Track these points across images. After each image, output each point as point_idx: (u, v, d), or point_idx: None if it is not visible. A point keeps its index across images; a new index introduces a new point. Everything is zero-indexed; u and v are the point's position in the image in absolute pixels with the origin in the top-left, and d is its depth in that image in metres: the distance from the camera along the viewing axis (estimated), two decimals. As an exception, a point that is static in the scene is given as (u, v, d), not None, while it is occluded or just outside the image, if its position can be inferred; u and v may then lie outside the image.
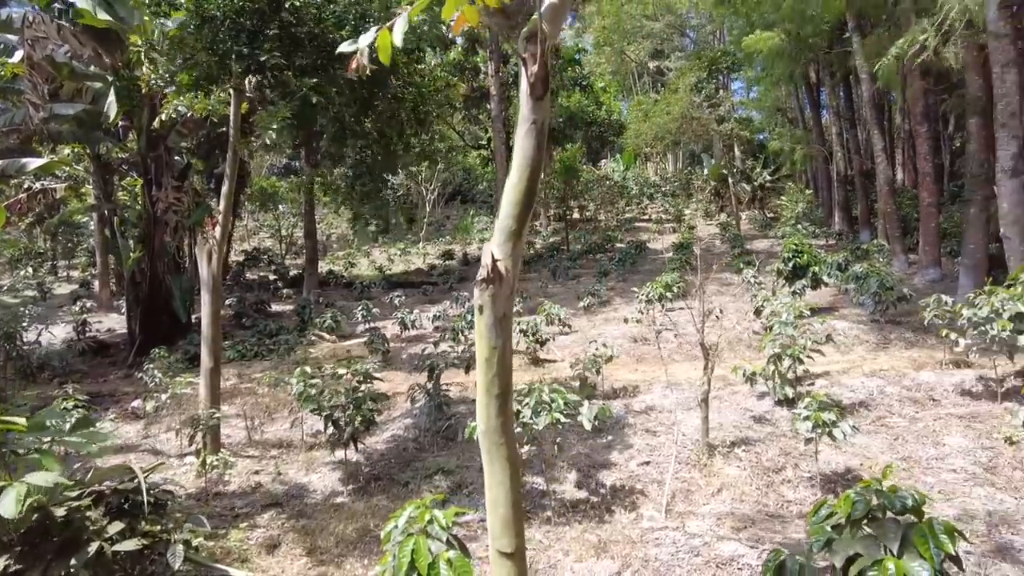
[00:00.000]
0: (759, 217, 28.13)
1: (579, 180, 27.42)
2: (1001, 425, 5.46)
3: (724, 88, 33.24)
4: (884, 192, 15.77)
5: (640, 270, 19.15)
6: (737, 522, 4.44)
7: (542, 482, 5.56)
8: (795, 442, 5.56)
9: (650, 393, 7.74)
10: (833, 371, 7.72)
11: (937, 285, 12.29)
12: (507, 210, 1.54)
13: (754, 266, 14.72)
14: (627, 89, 44.88)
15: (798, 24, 18.14)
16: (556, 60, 22.92)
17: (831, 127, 23.07)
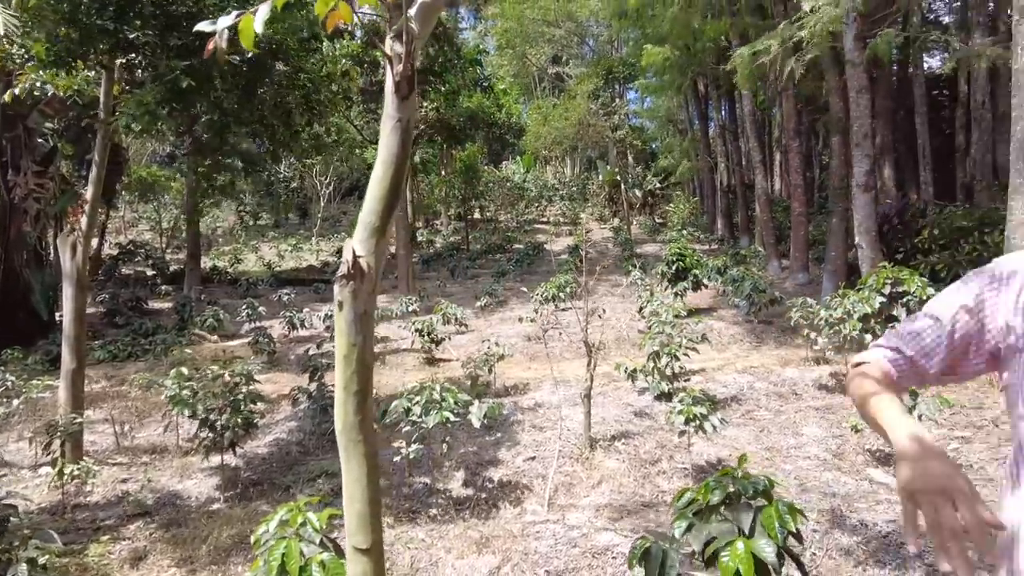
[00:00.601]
0: (649, 222, 29.44)
1: (480, 180, 27.58)
2: (849, 416, 6.02)
3: (619, 97, 34.52)
4: (761, 202, 16.97)
5: (537, 271, 19.55)
6: (614, 513, 4.64)
7: (429, 481, 5.56)
8: (671, 435, 5.87)
9: (540, 390, 7.92)
10: (709, 368, 8.23)
11: (805, 288, 13.37)
12: (370, 206, 1.54)
13: (642, 268, 15.38)
14: (528, 92, 45.62)
15: (687, 39, 19.15)
16: (458, 60, 22.89)
17: (717, 139, 24.57)
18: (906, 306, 6.71)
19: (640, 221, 30.28)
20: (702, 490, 2.95)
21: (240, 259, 24.56)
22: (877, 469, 5.22)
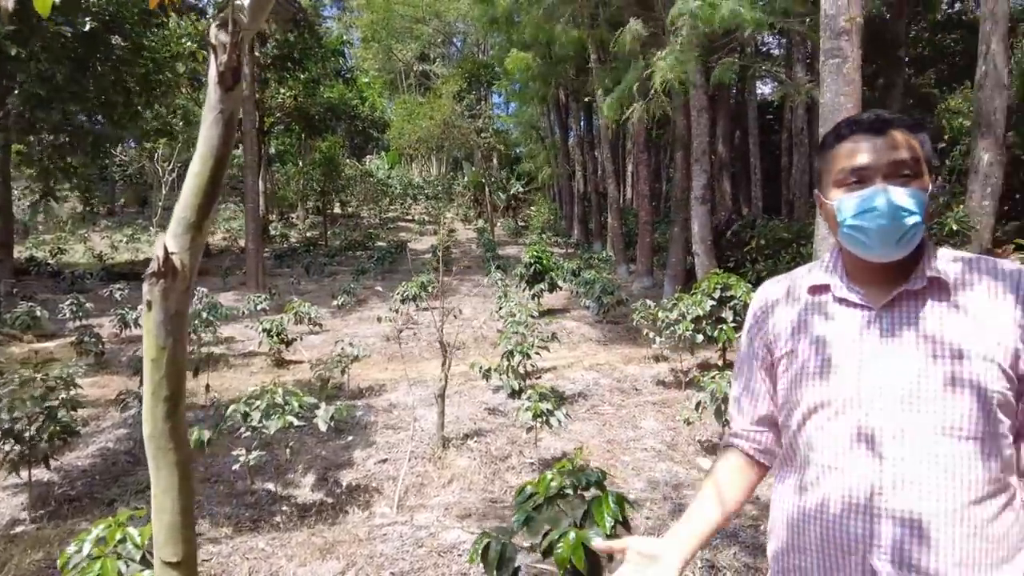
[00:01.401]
0: (512, 224, 30.11)
1: (341, 174, 26.74)
2: (682, 409, 6.54)
3: (485, 100, 34.96)
4: (613, 210, 17.95)
5: (399, 269, 19.29)
6: (463, 510, 4.71)
7: (274, 487, 5.33)
8: (521, 431, 6.06)
9: (396, 392, 7.84)
10: (560, 366, 8.58)
11: (650, 291, 14.32)
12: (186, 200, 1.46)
13: (503, 269, 15.70)
14: (394, 88, 44.93)
15: (549, 49, 19.81)
16: (319, 48, 22.07)
17: (576, 148, 25.64)
18: (733, 309, 7.41)
19: (504, 223, 30.88)
20: (540, 484, 3.09)
21: (64, 249, 21.95)
22: (705, 458, 5.72)
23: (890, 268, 1.20)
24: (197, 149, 1.57)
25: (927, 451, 1.12)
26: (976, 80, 9.68)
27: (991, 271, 1.18)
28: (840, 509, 1.17)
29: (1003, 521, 1.12)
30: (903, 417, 1.14)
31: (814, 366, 1.24)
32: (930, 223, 1.20)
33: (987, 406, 1.11)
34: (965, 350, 1.12)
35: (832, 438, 1.20)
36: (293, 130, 26.49)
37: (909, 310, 1.18)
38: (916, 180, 1.18)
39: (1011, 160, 11.98)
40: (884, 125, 1.20)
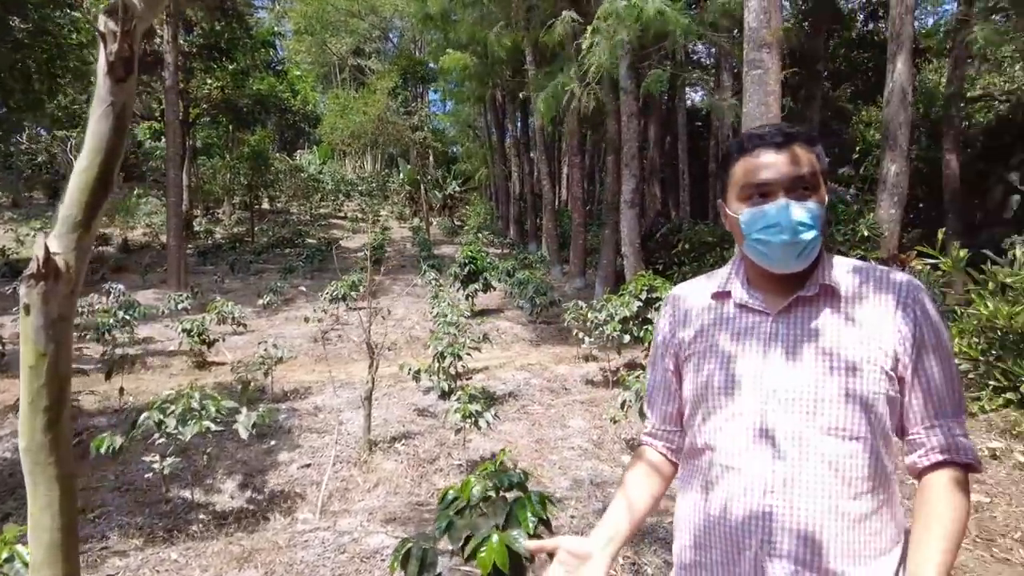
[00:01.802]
0: (448, 224, 29.95)
1: (270, 168, 25.91)
2: (609, 408, 6.65)
3: (421, 97, 34.65)
4: (547, 211, 18.12)
5: (329, 268, 18.84)
6: (388, 515, 4.64)
7: (191, 496, 5.11)
8: (451, 433, 6.02)
9: (322, 394, 7.66)
10: (492, 366, 8.59)
11: (582, 292, 14.52)
12: (73, 198, 1.37)
13: (437, 269, 15.59)
14: (327, 82, 43.89)
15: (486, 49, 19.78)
16: (248, 39, 21.31)
17: (512, 149, 25.72)
18: (658, 310, 7.60)
19: (440, 222, 30.67)
20: (463, 488, 3.07)
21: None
22: (630, 456, 5.82)
23: (789, 276, 1.26)
24: (85, 143, 1.47)
25: (815, 451, 1.18)
26: (885, 96, 10.28)
27: (879, 280, 1.25)
28: (736, 508, 1.21)
29: (882, 515, 1.19)
30: (795, 418, 1.19)
31: (715, 369, 1.29)
32: (826, 233, 1.27)
33: (871, 407, 1.18)
34: (852, 354, 1.19)
35: (730, 439, 1.24)
36: (220, 122, 25.47)
37: (803, 316, 1.24)
38: (815, 194, 1.23)
39: (915, 172, 12.79)
40: (786, 140, 1.24)
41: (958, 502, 1.16)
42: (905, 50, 9.75)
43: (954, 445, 1.18)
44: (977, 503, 4.25)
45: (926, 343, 1.20)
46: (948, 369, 1.21)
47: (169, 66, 15.32)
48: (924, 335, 1.20)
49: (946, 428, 1.19)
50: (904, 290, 1.23)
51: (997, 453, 4.87)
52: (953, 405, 1.20)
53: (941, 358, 1.20)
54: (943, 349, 1.21)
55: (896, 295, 1.22)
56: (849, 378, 1.18)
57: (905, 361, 1.20)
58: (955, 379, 1.22)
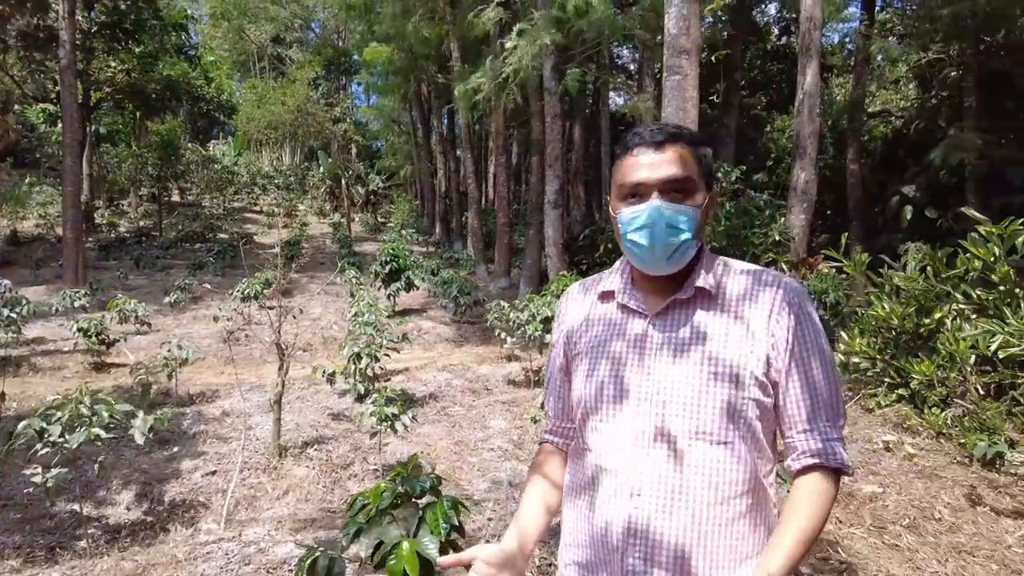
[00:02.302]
0: (371, 220, 29.32)
1: (180, 159, 24.57)
2: (530, 408, 6.64)
3: (344, 89, 33.77)
4: (473, 210, 18.03)
5: (243, 265, 18.03)
6: (297, 523, 4.43)
7: (79, 509, 4.71)
8: (367, 437, 5.83)
9: (230, 397, 7.27)
10: (413, 367, 8.42)
11: (507, 292, 14.52)
12: None
13: (358, 267, 15.21)
14: (245, 70, 42.10)
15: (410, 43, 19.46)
16: (157, 20, 20.11)
17: (438, 146, 25.41)
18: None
19: (362, 218, 29.98)
20: (372, 494, 2.94)
21: None
22: (549, 456, 5.82)
23: (669, 277, 1.25)
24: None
25: (683, 454, 1.17)
26: (795, 107, 10.78)
27: (758, 283, 1.24)
28: (607, 509, 1.21)
29: (751, 520, 1.19)
30: (664, 421, 1.18)
31: (593, 369, 1.29)
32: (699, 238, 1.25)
33: (740, 412, 1.17)
34: (722, 359, 1.18)
35: (605, 440, 1.24)
36: (126, 108, 23.95)
37: (678, 319, 1.24)
38: (689, 198, 1.22)
39: (823, 180, 13.51)
40: (665, 140, 1.23)
41: (818, 504, 1.17)
42: (814, 64, 10.25)
43: (825, 450, 1.19)
44: (871, 493, 4.47)
45: (801, 348, 1.19)
46: (825, 374, 1.20)
47: (65, 44, 14.20)
48: (799, 340, 1.19)
49: (820, 432, 1.19)
50: (781, 294, 1.21)
51: (890, 446, 5.16)
52: (829, 409, 1.20)
53: (818, 363, 1.20)
54: (820, 354, 1.20)
55: (772, 299, 1.21)
56: (719, 382, 1.17)
57: (779, 366, 1.19)
58: (832, 384, 1.21)
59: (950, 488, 4.46)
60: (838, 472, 1.20)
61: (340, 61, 29.04)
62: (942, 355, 5.43)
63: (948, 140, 10.67)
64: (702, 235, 1.26)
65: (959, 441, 5.07)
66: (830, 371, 1.21)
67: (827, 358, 1.21)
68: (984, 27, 11.67)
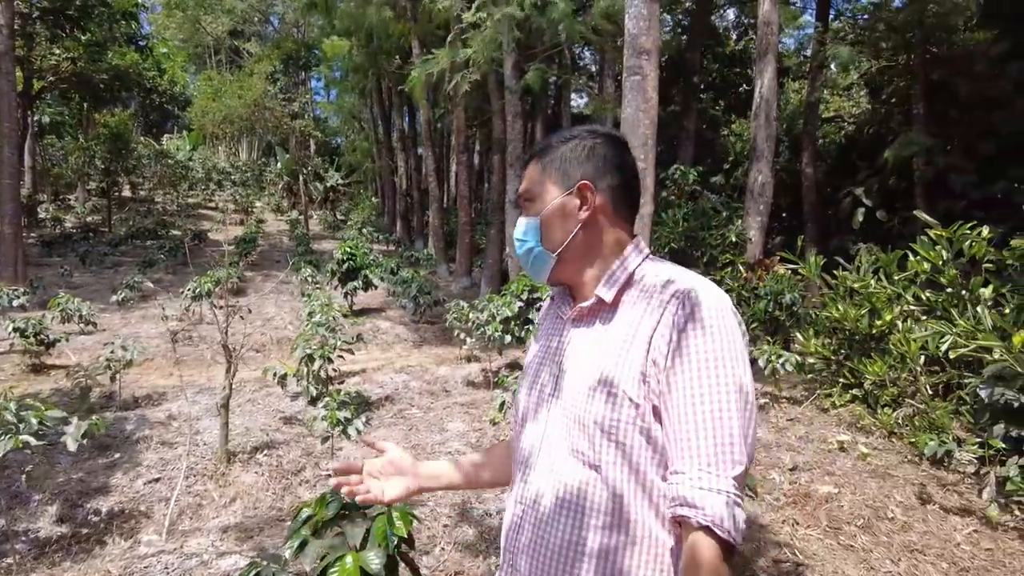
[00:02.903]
0: (330, 218, 28.83)
1: (131, 152, 23.72)
2: (489, 410, 6.54)
3: (303, 84, 33.15)
4: (434, 208, 17.85)
5: (196, 262, 17.50)
6: (244, 533, 4.25)
7: (4, 523, 4.42)
8: (319, 442, 5.66)
9: (178, 400, 6.99)
10: (370, 368, 8.24)
11: (468, 291, 14.40)
12: None
13: (315, 266, 14.90)
14: (201, 63, 40.95)
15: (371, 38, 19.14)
16: (104, 7, 19.37)
17: (399, 143, 25.09)
18: (540, 310, 7.59)
19: (321, 216, 29.45)
20: (317, 504, 2.81)
21: None
22: (508, 458, 5.74)
23: (581, 286, 1.22)
24: None
25: (558, 471, 1.12)
26: (752, 111, 10.93)
27: (656, 290, 1.11)
28: (509, 517, 1.22)
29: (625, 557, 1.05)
30: (550, 433, 1.16)
31: (525, 374, 1.31)
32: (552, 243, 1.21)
33: (612, 435, 1.06)
34: (602, 374, 1.09)
35: (520, 447, 1.25)
36: (72, 98, 23.01)
37: (580, 327, 1.21)
38: (530, 208, 1.23)
39: (779, 182, 13.75)
40: (529, 156, 1.28)
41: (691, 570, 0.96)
42: (771, 68, 10.41)
43: (690, 500, 0.97)
44: (827, 494, 4.51)
45: (682, 368, 1.01)
46: (713, 403, 0.98)
47: (2, 28, 13.54)
48: (681, 358, 1.01)
49: (691, 477, 0.98)
50: (674, 304, 1.05)
51: (844, 446, 5.23)
52: (708, 450, 0.98)
53: (706, 388, 0.99)
54: (710, 378, 0.99)
55: (662, 310, 1.06)
56: (596, 400, 1.08)
57: (655, 387, 1.04)
58: (722, 420, 0.98)
59: (902, 487, 4.53)
60: (709, 531, 0.95)
61: (299, 55, 28.41)
62: (894, 356, 5.54)
63: (899, 139, 10.97)
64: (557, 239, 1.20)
65: (909, 440, 5.16)
66: (719, 398, 0.99)
67: (720, 384, 0.99)
68: (929, 38, 12.04)
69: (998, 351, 4.26)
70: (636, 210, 1.26)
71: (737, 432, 0.98)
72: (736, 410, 0.99)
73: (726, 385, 0.99)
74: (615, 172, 1.20)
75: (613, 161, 1.20)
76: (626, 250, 1.19)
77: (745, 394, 1.00)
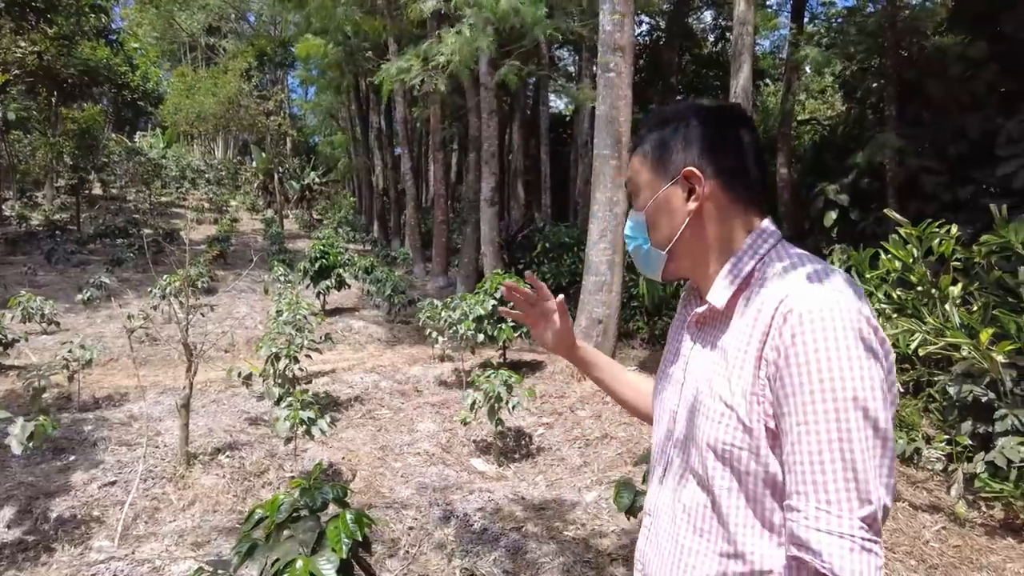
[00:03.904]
0: (306, 217, 28.50)
1: (101, 149, 23.19)
2: (459, 409, 6.44)
3: (280, 82, 32.75)
4: (410, 207, 17.69)
5: (167, 261, 17.14)
6: (201, 537, 4.11)
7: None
8: (283, 442, 5.52)
9: (141, 401, 6.79)
10: (340, 368, 8.09)
11: (445, 291, 14.26)
12: None
13: (288, 265, 14.67)
14: (176, 60, 40.27)
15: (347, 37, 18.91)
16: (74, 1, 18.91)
17: (376, 142, 24.84)
18: (513, 307, 7.49)
19: (296, 215, 29.10)
20: (268, 507, 2.69)
21: None
22: (479, 458, 5.65)
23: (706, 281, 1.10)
24: None
25: (674, 487, 1.08)
26: (728, 111, 10.92)
27: (768, 297, 0.95)
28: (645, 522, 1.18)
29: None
30: (669, 447, 1.12)
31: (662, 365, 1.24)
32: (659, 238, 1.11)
33: (725, 459, 0.96)
34: (713, 392, 0.99)
35: (653, 439, 1.22)
36: (39, 93, 22.42)
37: (697, 336, 1.11)
38: (636, 202, 1.13)
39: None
40: (635, 146, 1.15)
41: None
42: (746, 68, 10.42)
43: (807, 541, 0.86)
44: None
45: (794, 390, 0.87)
46: (830, 431, 0.85)
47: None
48: (793, 378, 0.87)
49: (805, 515, 0.86)
50: (785, 313, 0.90)
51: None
52: (827, 484, 0.85)
53: (820, 414, 0.85)
54: (826, 402, 0.85)
55: (770, 321, 0.92)
56: (707, 419, 0.99)
57: (768, 408, 0.92)
58: (843, 449, 0.84)
59: (870, 485, 4.50)
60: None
61: (275, 53, 28.02)
62: (864, 354, 5.51)
63: (872, 141, 11.07)
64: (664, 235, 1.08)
65: (879, 438, 5.14)
66: (843, 427, 0.84)
67: (843, 410, 0.84)
68: (900, 42, 12.18)
69: (966, 348, 4.26)
70: (760, 192, 1.08)
71: (861, 464, 0.84)
72: (859, 439, 0.84)
73: (844, 409, 0.84)
74: (726, 153, 1.04)
75: (722, 140, 1.04)
76: (745, 243, 1.03)
77: (872, 420, 0.84)
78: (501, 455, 5.59)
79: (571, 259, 11.83)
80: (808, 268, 0.95)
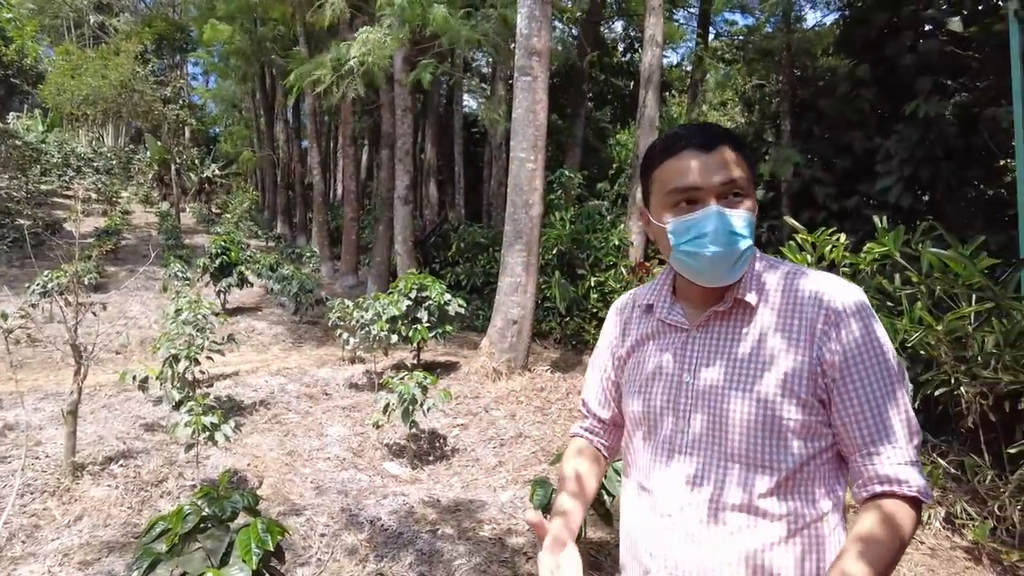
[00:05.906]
0: (205, 211, 27.03)
1: (-35, 130, 21.01)
2: (372, 412, 6.32)
3: (179, 68, 30.92)
4: (318, 204, 17.18)
5: (49, 256, 15.76)
6: (90, 554, 3.82)
7: None
8: (183, 449, 5.22)
9: (17, 407, 6.23)
10: (243, 370, 7.75)
11: (354, 290, 13.93)
12: None
13: (186, 261, 13.87)
14: (59, 35, 37.03)
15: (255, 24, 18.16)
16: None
17: (282, 135, 23.90)
18: (427, 309, 7.45)
19: (194, 209, 27.53)
20: (173, 517, 2.55)
21: None
22: (392, 462, 5.57)
23: (711, 289, 1.18)
24: None
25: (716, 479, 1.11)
26: (637, 121, 11.34)
27: (806, 290, 1.14)
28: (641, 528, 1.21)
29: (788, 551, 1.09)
30: (698, 443, 1.14)
31: (638, 384, 1.26)
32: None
33: (779, 436, 1.09)
34: (758, 376, 1.10)
35: (645, 458, 1.23)
36: None
37: (717, 332, 1.17)
38: (746, 200, 1.14)
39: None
40: (713, 141, 1.14)
41: (891, 532, 1.02)
42: (654, 82, 10.84)
43: (894, 476, 1.06)
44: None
45: (857, 361, 1.08)
46: (887, 388, 1.08)
47: None
48: (853, 353, 1.09)
49: (887, 456, 1.07)
50: (831, 302, 1.11)
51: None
52: (894, 428, 1.07)
53: (878, 377, 1.08)
54: (880, 367, 1.08)
55: (820, 308, 1.11)
56: (754, 403, 1.09)
57: (824, 383, 1.09)
58: (897, 399, 1.08)
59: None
60: (913, 501, 1.05)
61: (175, 36, 26.38)
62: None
63: (773, 155, 11.79)
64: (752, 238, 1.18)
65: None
66: (895, 385, 1.09)
67: (890, 371, 1.09)
68: (794, 61, 13.08)
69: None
70: None
71: (905, 408, 1.08)
72: (901, 389, 1.09)
73: (894, 372, 1.09)
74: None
75: None
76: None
77: (901, 373, 1.11)
78: (415, 458, 5.55)
79: (485, 260, 11.87)
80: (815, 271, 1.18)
